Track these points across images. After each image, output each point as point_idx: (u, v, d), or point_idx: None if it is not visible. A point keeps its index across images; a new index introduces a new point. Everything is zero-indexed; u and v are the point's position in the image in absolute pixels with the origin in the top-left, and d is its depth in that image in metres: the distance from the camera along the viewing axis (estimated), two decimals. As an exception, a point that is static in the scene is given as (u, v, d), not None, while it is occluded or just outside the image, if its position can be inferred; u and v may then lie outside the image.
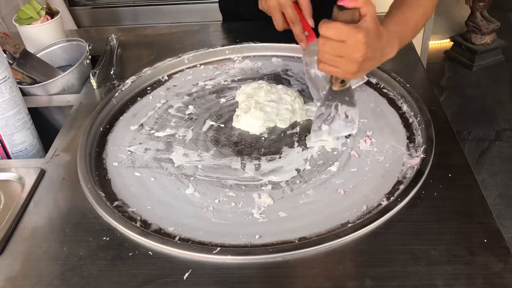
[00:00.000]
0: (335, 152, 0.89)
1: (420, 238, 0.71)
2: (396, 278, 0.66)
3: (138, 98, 1.08)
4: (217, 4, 1.43)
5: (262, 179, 0.85)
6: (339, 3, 0.73)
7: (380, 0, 1.02)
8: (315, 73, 0.97)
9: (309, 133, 0.93)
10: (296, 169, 0.86)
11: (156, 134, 0.97)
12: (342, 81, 0.84)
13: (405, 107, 0.98)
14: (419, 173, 0.81)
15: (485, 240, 0.70)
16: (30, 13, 1.17)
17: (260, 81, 1.05)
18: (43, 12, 1.19)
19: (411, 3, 0.88)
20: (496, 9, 2.94)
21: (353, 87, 0.90)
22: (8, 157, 0.95)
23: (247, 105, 0.98)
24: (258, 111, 0.96)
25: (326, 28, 0.74)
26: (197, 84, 1.12)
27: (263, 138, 0.94)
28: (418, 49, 1.22)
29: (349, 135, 0.92)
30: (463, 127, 2.42)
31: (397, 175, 0.83)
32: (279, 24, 0.97)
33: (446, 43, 3.06)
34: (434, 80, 2.70)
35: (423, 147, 0.86)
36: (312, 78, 0.98)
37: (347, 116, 0.90)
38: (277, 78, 1.11)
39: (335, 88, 0.85)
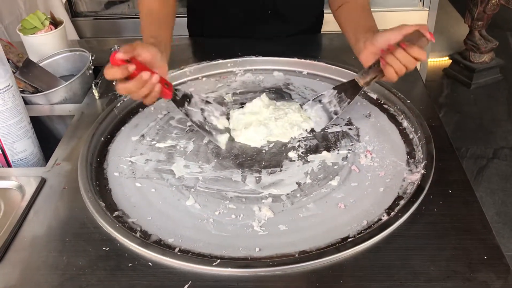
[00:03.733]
0: (335, 167, 0.89)
1: (420, 253, 0.71)
2: (396, 293, 0.66)
3: (140, 109, 1.08)
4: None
5: (262, 192, 0.85)
6: None
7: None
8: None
9: (310, 148, 0.94)
10: (296, 183, 0.86)
11: (157, 145, 0.97)
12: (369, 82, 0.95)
13: (405, 123, 0.99)
14: (419, 189, 0.81)
15: (485, 257, 0.70)
16: (34, 23, 1.18)
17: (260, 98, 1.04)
18: (47, 22, 1.20)
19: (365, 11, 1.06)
20: (495, 29, 2.98)
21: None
22: (9, 165, 0.95)
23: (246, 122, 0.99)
24: (261, 126, 0.96)
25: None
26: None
27: (264, 151, 0.94)
28: (417, 66, 1.24)
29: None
30: (461, 144, 2.42)
31: (397, 190, 0.83)
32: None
33: (445, 61, 3.08)
34: (432, 97, 2.72)
35: (424, 163, 0.86)
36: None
37: (331, 113, 0.99)
38: (279, 92, 1.12)
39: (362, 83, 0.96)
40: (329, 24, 2.36)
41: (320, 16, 1.42)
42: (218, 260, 0.70)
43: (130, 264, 0.72)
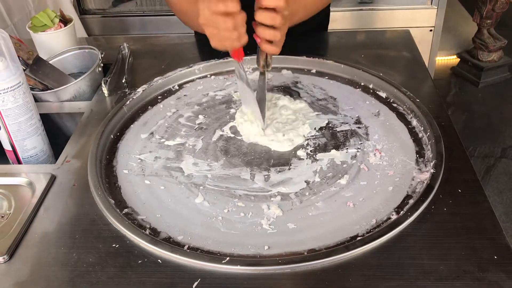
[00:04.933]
0: (344, 165, 0.89)
1: (429, 253, 0.71)
2: (406, 292, 0.66)
3: (149, 107, 1.09)
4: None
5: (271, 190, 0.85)
6: None
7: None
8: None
9: (318, 146, 0.94)
10: (305, 181, 0.86)
11: (166, 142, 0.97)
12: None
13: (414, 122, 0.98)
14: (429, 188, 0.81)
15: (495, 257, 0.70)
16: (44, 20, 1.18)
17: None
18: (57, 20, 1.21)
19: None
20: (503, 27, 2.96)
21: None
22: (19, 162, 0.96)
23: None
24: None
25: None
26: (208, 94, 1.12)
27: (272, 150, 0.94)
28: (425, 64, 1.24)
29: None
30: (468, 143, 2.41)
31: (406, 189, 0.83)
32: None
33: (453, 59, 3.07)
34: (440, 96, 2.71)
35: (433, 162, 0.86)
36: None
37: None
38: (287, 90, 1.12)
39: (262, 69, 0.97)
40: (337, 22, 2.35)
41: (327, 13, 1.41)
42: (228, 258, 0.71)
43: (139, 261, 0.72)
